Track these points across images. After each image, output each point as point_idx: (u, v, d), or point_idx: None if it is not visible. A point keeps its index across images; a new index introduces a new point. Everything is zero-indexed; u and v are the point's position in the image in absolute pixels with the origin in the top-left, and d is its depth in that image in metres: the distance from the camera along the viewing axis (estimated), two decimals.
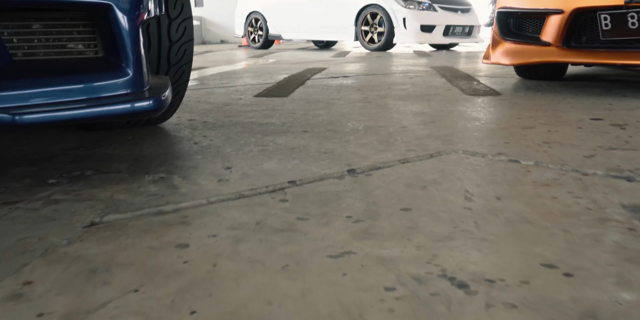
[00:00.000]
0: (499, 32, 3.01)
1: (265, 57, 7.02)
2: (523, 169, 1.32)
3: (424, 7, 8.03)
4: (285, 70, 4.68)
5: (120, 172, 1.35)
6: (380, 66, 5.11)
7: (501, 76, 3.86)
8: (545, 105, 2.41)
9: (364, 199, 1.11)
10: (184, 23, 1.79)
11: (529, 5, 2.82)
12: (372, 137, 1.74)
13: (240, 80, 3.82)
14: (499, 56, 3.00)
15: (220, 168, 1.37)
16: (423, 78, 3.80)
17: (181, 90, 1.90)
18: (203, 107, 2.52)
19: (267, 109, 2.41)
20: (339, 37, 8.93)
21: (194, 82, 3.68)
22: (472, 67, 4.87)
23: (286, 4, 9.58)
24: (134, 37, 1.31)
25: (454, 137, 1.72)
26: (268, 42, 10.19)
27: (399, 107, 2.43)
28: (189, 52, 1.83)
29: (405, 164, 1.38)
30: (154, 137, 1.80)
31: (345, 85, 3.39)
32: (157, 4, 1.43)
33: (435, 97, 2.74)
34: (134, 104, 1.28)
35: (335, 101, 2.65)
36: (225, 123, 2.06)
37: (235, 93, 3.05)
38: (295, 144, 1.64)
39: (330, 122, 2.04)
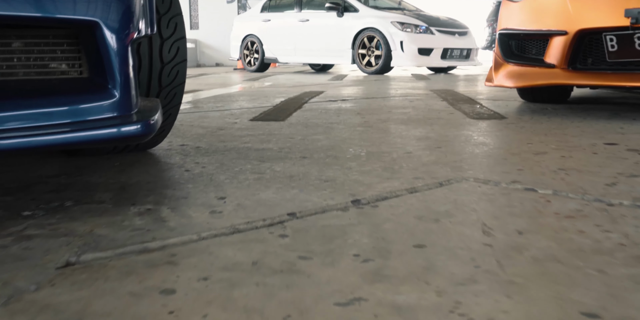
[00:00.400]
0: (501, 54, 2.94)
1: (261, 80, 6.95)
2: (542, 198, 1.22)
3: (421, 30, 8.01)
4: (281, 93, 4.60)
5: (103, 202, 1.24)
6: (378, 89, 5.04)
7: (504, 99, 3.78)
8: (554, 129, 2.32)
9: (372, 234, 1.00)
10: (177, 43, 1.70)
11: (532, 27, 2.75)
12: (375, 163, 1.63)
13: (236, 103, 3.73)
14: (502, 79, 2.92)
15: (213, 198, 1.26)
16: (424, 101, 3.71)
17: (173, 113, 1.80)
18: (196, 131, 2.41)
19: (264, 134, 2.31)
20: (335, 60, 8.90)
21: (188, 106, 3.59)
22: (472, 90, 4.80)
23: (283, 27, 9.57)
24: (122, 57, 1.22)
25: (463, 163, 1.61)
26: (264, 65, 10.15)
27: (402, 131, 2.33)
28: (181, 74, 1.73)
29: (413, 193, 1.27)
30: (143, 163, 1.69)
31: (344, 109, 3.30)
32: (148, 22, 1.34)
33: (438, 121, 2.65)
34: (121, 129, 1.18)
35: (335, 125, 2.56)
36: (219, 148, 1.96)
37: (230, 117, 2.95)
38: (294, 172, 1.54)
39: (330, 148, 1.94)
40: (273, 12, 9.87)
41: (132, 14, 1.24)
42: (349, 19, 8.50)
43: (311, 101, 3.80)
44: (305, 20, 9.17)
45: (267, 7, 10.04)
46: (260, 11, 10.10)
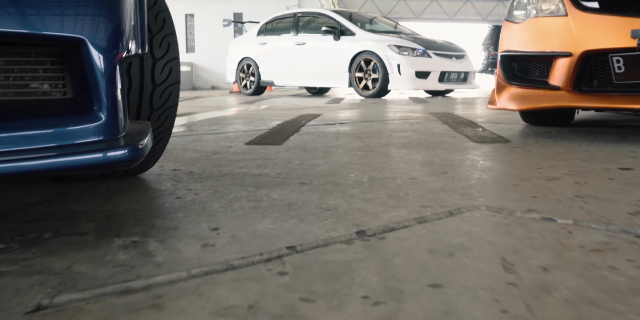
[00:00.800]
0: (503, 77, 2.87)
1: (257, 103, 6.89)
2: (563, 229, 1.12)
3: (418, 54, 8.00)
4: (278, 116, 4.52)
5: (85, 234, 1.14)
6: (377, 113, 4.97)
7: (506, 122, 3.71)
8: (562, 153, 2.23)
9: (381, 271, 0.90)
10: (170, 64, 1.61)
11: (535, 49, 2.69)
12: (379, 190, 1.54)
13: (231, 126, 3.65)
14: (505, 101, 2.84)
15: (205, 229, 1.16)
16: (424, 125, 3.64)
17: (164, 137, 1.71)
18: (189, 155, 2.32)
19: (260, 158, 2.21)
20: (332, 83, 8.87)
21: (182, 128, 3.50)
22: (472, 113, 4.74)
23: (279, 51, 9.56)
24: (109, 77, 1.13)
25: (472, 190, 1.52)
26: (260, 88, 10.12)
27: (404, 156, 2.24)
28: (174, 96, 1.65)
29: (422, 223, 1.18)
30: (132, 190, 1.60)
31: (343, 132, 3.22)
32: (139, 41, 1.26)
33: (441, 145, 2.56)
34: (106, 153, 1.09)
35: (334, 149, 2.47)
36: (213, 174, 1.86)
37: (225, 140, 2.86)
38: (293, 199, 1.44)
39: (330, 173, 1.84)
40: (269, 35, 9.88)
41: (121, 31, 1.15)
42: (345, 42, 8.49)
43: (308, 124, 3.72)
44: (302, 44, 9.16)
45: (263, 30, 10.05)
46: (256, 34, 10.11)
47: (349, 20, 8.81)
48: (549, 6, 2.68)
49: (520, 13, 2.83)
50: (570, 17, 2.53)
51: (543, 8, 2.70)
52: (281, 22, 9.88)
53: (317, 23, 9.22)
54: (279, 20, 9.96)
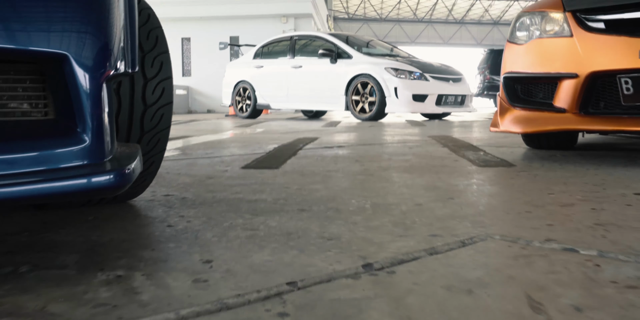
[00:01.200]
0: (507, 99, 2.80)
1: (253, 127, 6.82)
2: (589, 262, 1.03)
3: (415, 77, 7.97)
4: (274, 140, 4.44)
5: (65, 267, 1.04)
6: (374, 136, 4.89)
7: (507, 146, 3.63)
8: (571, 178, 2.14)
9: (394, 311, 0.80)
10: (163, 84, 1.53)
11: (539, 70, 2.62)
12: (383, 217, 1.44)
13: (227, 150, 3.56)
14: (509, 124, 2.77)
15: (197, 262, 1.06)
16: (424, 148, 3.56)
17: (156, 161, 1.62)
18: (183, 180, 2.23)
19: (256, 183, 2.12)
20: (329, 106, 8.82)
21: (176, 152, 3.41)
22: (471, 136, 4.66)
23: (275, 74, 9.53)
24: (94, 96, 1.04)
25: (483, 217, 1.43)
26: (256, 111, 10.07)
27: (406, 180, 2.15)
28: (166, 117, 1.56)
29: (434, 255, 1.08)
30: (120, 217, 1.50)
31: (342, 156, 3.14)
32: (129, 59, 1.17)
33: (443, 169, 2.47)
34: (90, 179, 1.00)
35: (333, 173, 2.38)
36: (207, 200, 1.76)
37: (220, 164, 2.77)
38: (292, 227, 1.34)
39: (330, 199, 1.75)
40: (266, 58, 9.86)
41: (109, 48, 1.07)
42: (342, 66, 8.47)
43: (306, 148, 3.63)
44: (298, 67, 9.14)
45: (260, 53, 10.04)
46: (252, 58, 10.09)
47: (345, 43, 8.80)
48: (552, 27, 2.62)
49: (523, 34, 2.78)
50: (576, 37, 2.47)
51: (547, 29, 2.64)
52: (278, 46, 9.88)
53: (313, 46, 9.21)
54: (275, 44, 9.95)
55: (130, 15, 1.21)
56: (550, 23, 2.63)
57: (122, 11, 1.14)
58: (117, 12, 1.12)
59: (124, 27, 1.16)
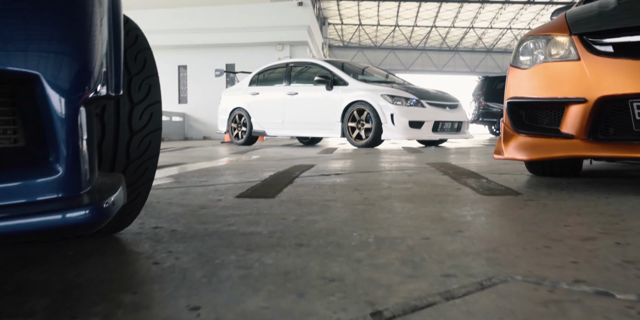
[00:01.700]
0: (511, 125, 2.70)
1: (248, 154, 6.72)
2: (630, 309, 0.91)
3: (412, 103, 7.91)
4: (270, 167, 4.33)
5: (33, 315, 0.91)
6: (372, 163, 4.79)
7: (510, 173, 3.53)
8: (583, 207, 2.03)
9: None
10: (151, 109, 1.42)
11: (545, 95, 2.53)
12: (389, 253, 1.33)
13: (221, 178, 3.44)
14: (513, 151, 2.67)
15: (183, 308, 0.94)
16: (423, 175, 3.45)
17: (143, 191, 1.50)
18: (174, 210, 2.10)
19: (251, 214, 2.00)
20: (325, 133, 8.74)
21: (169, 180, 3.29)
22: (470, 163, 4.56)
23: (271, 101, 9.47)
24: (70, 121, 0.93)
25: (498, 253, 1.31)
26: (252, 138, 9.98)
27: (409, 210, 2.03)
28: (154, 145, 1.45)
29: (451, 300, 0.96)
30: (103, 252, 1.37)
31: (340, 184, 3.02)
32: (112, 81, 1.07)
33: (447, 198, 2.36)
34: (64, 215, 0.88)
35: (332, 203, 2.26)
36: (198, 232, 1.64)
37: (214, 193, 2.65)
38: (290, 266, 1.22)
39: (330, 232, 1.63)
40: (262, 85, 9.82)
41: (88, 69, 0.96)
42: (338, 92, 8.42)
43: (302, 175, 3.52)
44: (294, 94, 9.09)
45: (255, 80, 10.00)
46: (248, 84, 10.05)
47: (341, 70, 8.77)
48: (558, 51, 2.55)
49: (527, 58, 2.70)
50: (584, 61, 2.39)
51: (552, 53, 2.56)
52: (273, 72, 9.84)
53: (309, 73, 9.18)
54: (271, 71, 9.92)
55: (115, 35, 1.11)
56: (556, 47, 2.55)
57: (105, 30, 1.04)
58: (99, 31, 1.01)
59: (107, 47, 1.06)
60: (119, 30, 1.14)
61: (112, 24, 1.10)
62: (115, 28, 1.12)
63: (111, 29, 1.09)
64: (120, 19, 1.15)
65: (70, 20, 0.94)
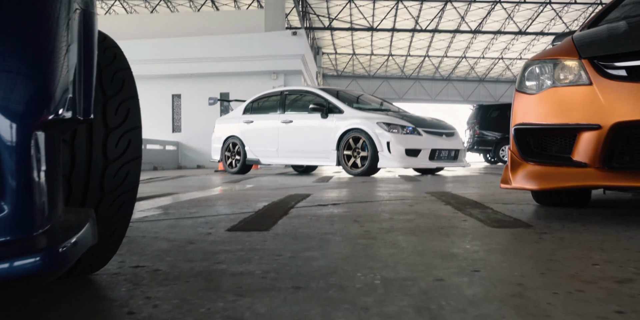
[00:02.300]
0: (518, 153, 2.55)
1: (242, 183, 6.55)
2: None
3: (408, 131, 7.79)
4: (264, 197, 4.15)
5: None
6: (369, 192, 4.63)
7: (514, 202, 3.37)
8: (605, 242, 1.87)
9: None
10: (129, 135, 1.27)
11: (555, 121, 2.39)
12: (400, 299, 1.16)
13: (212, 208, 3.27)
14: (522, 180, 2.51)
15: None
16: (425, 205, 3.28)
17: (119, 228, 1.33)
18: (159, 245, 1.93)
19: (243, 249, 1.83)
20: (320, 162, 8.58)
21: (157, 211, 3.11)
22: (471, 192, 4.41)
23: (265, 129, 9.34)
24: (21, 149, 0.77)
25: (526, 299, 1.14)
26: (246, 167, 9.81)
27: (416, 245, 1.87)
28: (133, 175, 1.29)
29: None
30: (70, 298, 1.20)
31: (338, 215, 2.85)
32: (79, 102, 0.92)
33: (454, 231, 2.20)
34: (8, 263, 0.72)
35: (330, 237, 2.09)
36: (183, 272, 1.47)
37: (204, 226, 2.47)
38: (286, 315, 1.05)
39: (331, 271, 1.46)
40: (256, 113, 9.70)
41: (47, 87, 0.81)
42: (333, 120, 8.30)
43: (298, 206, 3.35)
44: (289, 122, 8.97)
45: (249, 108, 9.89)
46: (242, 113, 9.93)
47: (336, 97, 8.67)
48: (567, 75, 2.42)
49: (534, 83, 2.57)
50: (596, 86, 2.26)
51: (561, 77, 2.44)
52: (268, 101, 9.74)
53: (303, 101, 9.07)
54: (265, 99, 9.82)
55: (86, 51, 0.96)
56: (565, 71, 2.43)
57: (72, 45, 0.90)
58: (63, 46, 0.86)
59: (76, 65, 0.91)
60: (91, 47, 0.99)
61: (83, 39, 0.95)
62: (87, 44, 0.97)
63: (81, 44, 0.94)
64: (93, 35, 1.00)
65: (25, 34, 0.79)
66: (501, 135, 16.25)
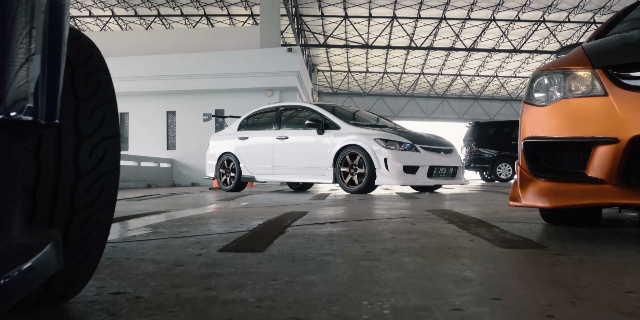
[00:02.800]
0: (528, 168, 2.41)
1: (237, 200, 6.38)
2: None
3: (406, 148, 7.66)
4: (259, 215, 3.99)
5: None
6: (368, 210, 4.47)
7: (521, 221, 3.22)
8: (629, 265, 1.72)
9: None
10: (105, 144, 1.12)
11: (568, 134, 2.25)
12: None
13: (204, 227, 3.10)
14: (532, 197, 2.36)
15: None
16: (427, 224, 3.13)
17: (94, 251, 1.17)
18: (144, 268, 1.77)
19: (236, 273, 1.67)
20: (316, 179, 8.43)
21: (146, 230, 2.94)
22: (472, 210, 4.25)
23: (260, 145, 9.19)
24: None
25: None
26: (240, 184, 9.63)
27: (424, 268, 1.71)
28: (109, 190, 1.13)
29: None
30: None
31: (337, 234, 2.69)
32: (40, 103, 0.77)
33: (462, 252, 2.04)
34: None
35: (330, 259, 1.93)
36: (168, 300, 1.31)
37: (194, 246, 2.31)
38: None
39: (333, 298, 1.30)
40: (251, 129, 9.55)
41: None
42: (329, 136, 8.16)
43: (295, 224, 3.19)
44: (284, 138, 8.82)
45: (244, 125, 9.74)
46: (237, 129, 9.78)
47: (332, 113, 8.54)
48: (579, 86, 2.29)
49: (543, 95, 2.43)
50: (612, 97, 2.12)
51: (572, 88, 2.30)
52: (263, 117, 9.61)
53: (299, 117, 8.94)
54: (260, 115, 9.69)
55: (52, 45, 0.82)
56: (577, 81, 2.30)
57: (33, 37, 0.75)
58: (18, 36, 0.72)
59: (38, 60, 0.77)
60: (59, 41, 0.85)
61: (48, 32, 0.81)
62: (54, 38, 0.83)
63: (45, 38, 0.80)
64: (61, 28, 0.86)
65: None
66: (498, 152, 16.15)
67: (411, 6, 25.29)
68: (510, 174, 16.02)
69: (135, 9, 26.72)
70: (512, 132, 16.38)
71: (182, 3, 25.97)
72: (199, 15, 27.35)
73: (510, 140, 16.09)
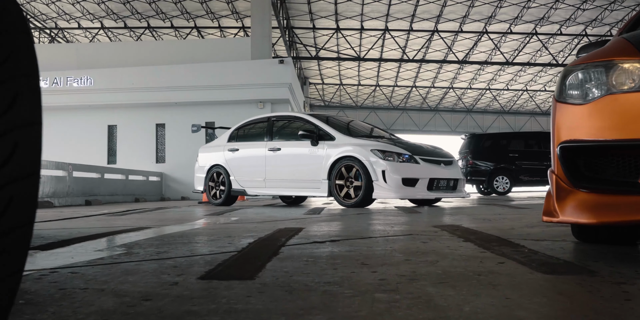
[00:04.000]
0: (566, 178, 2.05)
1: (226, 215, 5.98)
2: None
3: (404, 159, 7.29)
4: (250, 231, 3.60)
5: None
6: (369, 226, 4.09)
7: (546, 238, 2.85)
8: None
9: None
10: (15, 135, 0.74)
11: (616, 136, 1.90)
12: None
13: (186, 247, 2.71)
14: (573, 212, 2.00)
15: None
16: (441, 242, 2.75)
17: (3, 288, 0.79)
18: (101, 304, 1.38)
19: (218, 311, 1.28)
20: (311, 192, 8.03)
21: (117, 251, 2.55)
22: (485, 225, 3.88)
23: (252, 157, 8.79)
24: None
25: None
26: (231, 198, 9.22)
27: (458, 302, 1.33)
28: (22, 203, 0.75)
29: None
30: None
31: (340, 255, 2.31)
32: None
33: (498, 279, 1.67)
34: None
35: (336, 289, 1.55)
36: None
37: (170, 271, 1.92)
38: None
39: None
40: (241, 141, 9.16)
41: None
42: (324, 148, 7.79)
43: (290, 243, 2.80)
44: (277, 150, 8.44)
45: (235, 136, 9.36)
46: (227, 140, 9.40)
47: (326, 123, 8.17)
48: (626, 79, 1.94)
49: (580, 92, 2.08)
50: None
51: (618, 82, 1.95)
52: (254, 127, 9.23)
53: (292, 128, 8.57)
54: (252, 125, 9.31)
55: None
56: (624, 74, 1.95)
57: None
58: None
59: None
60: None
61: None
62: None
63: None
64: None
65: None
66: (494, 165, 15.84)
67: (403, 19, 25.15)
68: (507, 187, 15.69)
69: (125, 20, 26.40)
70: (509, 144, 16.09)
71: (173, 15, 25.70)
72: (190, 28, 27.07)
73: (507, 152, 15.80)
